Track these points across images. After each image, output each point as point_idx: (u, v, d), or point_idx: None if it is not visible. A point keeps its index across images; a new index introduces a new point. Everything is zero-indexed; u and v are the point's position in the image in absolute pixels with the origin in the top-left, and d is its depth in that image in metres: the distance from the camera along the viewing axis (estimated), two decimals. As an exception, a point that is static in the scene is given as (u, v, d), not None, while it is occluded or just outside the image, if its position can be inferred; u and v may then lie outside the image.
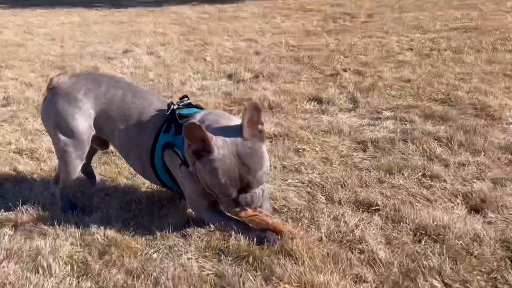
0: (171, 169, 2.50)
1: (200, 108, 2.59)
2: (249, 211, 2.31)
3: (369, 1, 11.28)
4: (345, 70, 5.34)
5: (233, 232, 2.33)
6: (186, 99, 2.60)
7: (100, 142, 2.76)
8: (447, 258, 2.13)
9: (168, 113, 2.48)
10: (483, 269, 2.07)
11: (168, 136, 2.46)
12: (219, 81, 5.15)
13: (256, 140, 2.26)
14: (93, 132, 2.61)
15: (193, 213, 2.52)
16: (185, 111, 2.49)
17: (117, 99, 2.59)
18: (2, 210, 2.62)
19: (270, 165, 2.55)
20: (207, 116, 2.42)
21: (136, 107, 2.57)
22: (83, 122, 2.56)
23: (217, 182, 2.23)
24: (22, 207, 2.61)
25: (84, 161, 2.68)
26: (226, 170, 2.20)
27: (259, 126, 2.26)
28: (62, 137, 2.56)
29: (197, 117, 2.41)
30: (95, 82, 2.66)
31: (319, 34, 7.69)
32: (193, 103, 2.62)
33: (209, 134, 2.19)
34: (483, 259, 2.13)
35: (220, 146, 2.21)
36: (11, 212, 2.59)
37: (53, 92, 2.62)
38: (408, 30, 7.75)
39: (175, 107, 2.49)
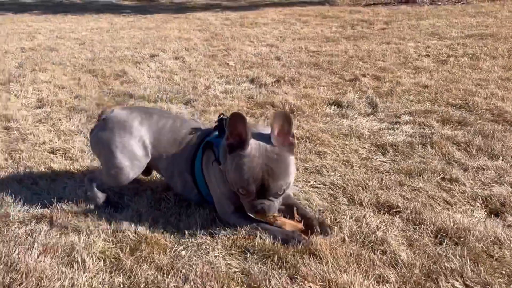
0: (205, 169, 2.59)
1: None
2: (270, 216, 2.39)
3: (386, 9, 11.32)
4: (364, 76, 5.40)
5: (259, 232, 2.41)
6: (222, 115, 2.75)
7: (145, 170, 2.88)
8: (468, 260, 2.18)
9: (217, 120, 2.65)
10: (503, 272, 2.11)
11: (211, 138, 2.61)
12: (242, 85, 5.23)
13: (285, 150, 2.35)
14: (149, 158, 2.77)
15: (219, 214, 2.59)
16: None
17: (168, 126, 2.80)
18: (38, 207, 2.72)
19: (294, 184, 2.62)
20: (261, 128, 2.54)
21: (184, 132, 2.77)
22: (139, 148, 2.73)
23: (240, 177, 2.31)
24: (56, 204, 2.71)
25: (131, 179, 2.79)
26: (251, 168, 2.29)
27: (290, 138, 2.36)
28: (117, 159, 2.69)
29: None
30: (147, 113, 2.86)
31: (338, 40, 7.76)
32: None
33: (249, 131, 2.32)
34: (503, 262, 2.18)
35: (253, 145, 2.32)
36: (46, 209, 2.68)
37: (107, 122, 2.76)
38: (425, 37, 7.79)
39: (224, 117, 2.60)
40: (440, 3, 12.34)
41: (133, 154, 2.72)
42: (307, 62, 6.22)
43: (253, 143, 2.33)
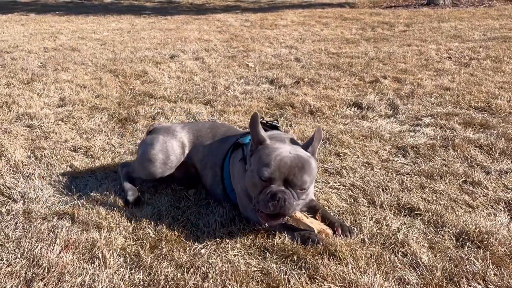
0: (231, 165, 2.64)
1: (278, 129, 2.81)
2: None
3: (406, 11, 11.24)
4: (384, 77, 5.37)
5: (277, 232, 2.41)
6: (275, 122, 2.87)
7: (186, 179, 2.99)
8: (490, 264, 2.15)
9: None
10: (527, 276, 2.09)
11: (243, 138, 2.67)
12: (261, 86, 5.23)
13: (313, 157, 2.41)
14: (183, 157, 2.90)
15: (240, 210, 2.60)
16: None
17: (207, 125, 3.04)
18: (60, 203, 2.75)
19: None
20: (279, 134, 2.60)
21: (223, 129, 2.95)
22: (177, 148, 2.89)
23: (265, 163, 2.28)
24: (78, 201, 2.74)
25: (159, 176, 2.88)
26: (279, 155, 2.30)
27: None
28: (154, 151, 2.85)
29: (268, 132, 2.59)
30: (190, 122, 3.16)
31: (358, 42, 7.72)
32: (279, 127, 2.84)
33: (262, 132, 2.40)
34: (527, 266, 2.15)
35: (277, 142, 2.41)
36: (68, 206, 2.71)
37: (154, 129, 3.03)
38: (447, 39, 7.72)
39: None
40: (462, 5, 12.22)
41: (170, 152, 2.86)
42: (326, 63, 6.20)
43: (278, 142, 2.42)
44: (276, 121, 2.90)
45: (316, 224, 2.42)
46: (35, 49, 7.50)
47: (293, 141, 2.51)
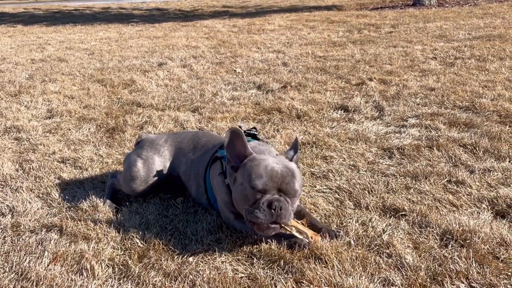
0: (211, 177, 2.66)
1: (257, 139, 2.84)
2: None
3: (393, 12, 11.32)
4: (370, 80, 5.42)
5: (263, 238, 2.43)
6: (253, 129, 2.90)
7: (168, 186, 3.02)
8: (473, 262, 2.18)
9: None
10: (509, 273, 2.12)
11: (221, 151, 2.66)
12: (249, 92, 5.26)
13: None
14: (166, 173, 2.93)
15: (223, 221, 2.62)
16: None
17: (189, 136, 3.04)
18: (49, 216, 2.76)
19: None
20: (259, 146, 2.60)
21: (204, 140, 2.94)
22: (160, 164, 2.93)
23: (257, 174, 2.27)
24: (66, 213, 2.75)
25: (142, 193, 2.93)
26: (269, 165, 2.31)
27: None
28: (136, 168, 2.89)
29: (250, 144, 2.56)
30: (175, 133, 3.16)
31: (345, 45, 7.78)
32: (257, 136, 2.88)
33: (248, 146, 2.40)
34: (509, 263, 2.19)
35: (262, 155, 2.42)
36: (56, 218, 2.72)
37: (141, 143, 3.06)
38: (432, 39, 7.79)
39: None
40: (447, 5, 12.33)
41: (152, 170, 2.90)
42: (313, 67, 6.24)
43: (262, 154, 2.43)
44: (254, 129, 2.92)
45: (308, 231, 2.44)
46: (23, 61, 7.50)
47: (270, 153, 2.52)
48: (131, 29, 11.20)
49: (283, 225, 2.34)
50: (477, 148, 3.43)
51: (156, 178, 2.90)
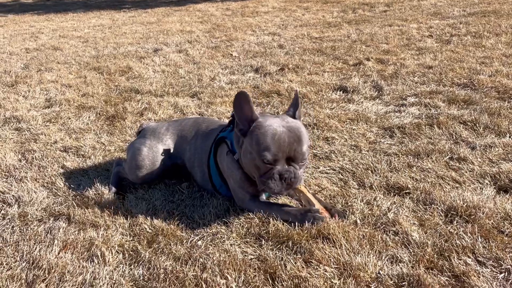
0: (219, 161, 2.67)
1: None
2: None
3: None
4: (367, 59, 5.42)
5: (272, 219, 2.45)
6: None
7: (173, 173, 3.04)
8: (479, 237, 2.22)
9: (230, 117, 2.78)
10: (514, 246, 2.16)
11: (225, 133, 2.69)
12: (247, 75, 5.26)
13: (301, 122, 2.49)
14: (170, 161, 2.95)
15: (236, 203, 2.64)
16: None
17: (190, 122, 3.05)
18: (55, 204, 2.77)
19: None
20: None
21: (204, 126, 2.95)
22: (162, 151, 2.95)
23: (265, 145, 2.32)
24: (73, 201, 2.77)
25: (148, 181, 2.95)
26: (276, 134, 2.33)
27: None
28: (141, 157, 2.91)
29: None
30: (175, 120, 3.18)
31: (340, 25, 7.76)
32: None
33: (254, 110, 2.44)
34: (514, 236, 2.22)
35: (267, 118, 2.43)
36: (63, 206, 2.73)
37: (143, 132, 3.09)
38: (427, 17, 7.78)
39: None
40: (440, -18, 12.25)
41: (156, 158, 2.91)
42: (310, 48, 6.23)
43: (267, 117, 2.45)
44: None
45: (316, 202, 2.48)
46: (17, 50, 7.44)
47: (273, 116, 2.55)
48: (124, 15, 11.12)
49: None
50: (477, 125, 3.45)
51: (161, 166, 2.92)
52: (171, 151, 2.96)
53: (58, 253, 2.31)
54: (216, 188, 2.76)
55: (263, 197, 2.63)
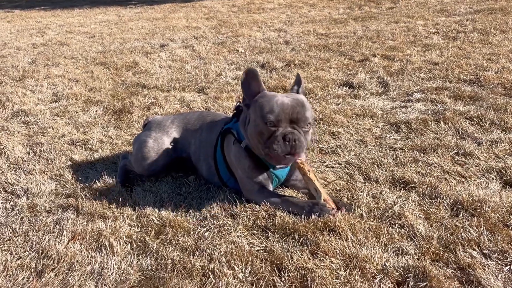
0: (226, 153, 2.70)
1: None
2: (299, 164, 2.53)
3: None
4: (374, 56, 5.43)
5: (278, 212, 2.47)
6: None
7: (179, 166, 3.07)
8: (484, 231, 2.23)
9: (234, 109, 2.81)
10: (520, 240, 2.17)
11: (230, 124, 2.74)
12: (252, 71, 5.27)
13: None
14: (175, 153, 2.98)
15: (244, 195, 2.66)
16: None
17: (195, 116, 3.08)
18: (63, 196, 2.80)
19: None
20: None
21: (209, 119, 2.98)
22: (168, 143, 2.98)
23: (269, 108, 2.39)
24: (81, 193, 2.79)
25: (153, 173, 2.98)
26: (282, 100, 2.42)
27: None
28: (146, 149, 2.93)
29: None
30: (181, 114, 3.21)
31: (346, 22, 7.76)
32: None
33: (262, 84, 2.54)
34: (519, 230, 2.23)
35: (272, 92, 2.54)
36: (71, 199, 2.76)
37: (149, 125, 3.11)
38: (434, 14, 7.76)
39: (240, 104, 2.72)
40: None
41: (162, 150, 2.94)
42: (316, 45, 6.24)
43: (272, 92, 2.55)
44: None
45: (323, 192, 2.50)
46: (24, 45, 7.48)
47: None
48: (130, 11, 11.14)
49: (299, 160, 2.50)
50: (484, 120, 3.46)
51: (166, 157, 2.94)
52: (177, 143, 2.99)
53: (67, 243, 2.33)
54: (223, 181, 2.78)
55: (270, 188, 2.65)
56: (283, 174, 2.69)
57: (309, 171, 2.53)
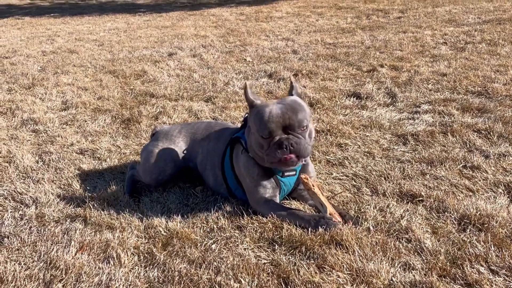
0: (235, 162, 2.72)
1: None
2: (303, 180, 2.53)
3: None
4: (381, 66, 5.43)
5: (285, 224, 2.48)
6: None
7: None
8: (492, 246, 2.22)
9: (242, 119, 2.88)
10: (527, 255, 2.16)
11: (239, 134, 2.77)
12: (260, 81, 5.29)
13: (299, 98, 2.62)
14: (182, 163, 3.00)
15: (251, 205, 2.68)
16: None
17: (203, 126, 3.12)
18: (72, 206, 2.82)
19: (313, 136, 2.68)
20: None
21: (218, 128, 3.02)
22: (175, 153, 3.00)
23: (260, 122, 2.47)
24: (89, 203, 2.81)
25: (161, 182, 3.00)
26: (271, 110, 2.48)
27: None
28: (154, 159, 2.96)
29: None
30: (188, 124, 3.23)
31: (354, 31, 7.77)
32: None
33: (251, 97, 2.60)
34: (527, 246, 2.22)
35: (266, 102, 2.58)
36: (79, 208, 2.77)
37: (157, 134, 3.13)
38: (442, 24, 7.76)
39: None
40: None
41: (169, 160, 2.96)
42: (324, 54, 6.25)
43: (268, 102, 2.60)
44: None
45: (329, 206, 2.50)
46: (34, 53, 7.54)
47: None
48: (139, 19, 11.21)
49: (301, 161, 2.53)
50: (491, 133, 3.45)
51: (174, 167, 2.96)
52: (184, 153, 3.01)
53: (75, 254, 2.35)
54: (231, 190, 2.79)
55: (278, 197, 2.66)
56: (291, 182, 2.70)
57: (313, 186, 2.53)
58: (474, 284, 2.01)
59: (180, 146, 3.02)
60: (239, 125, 2.96)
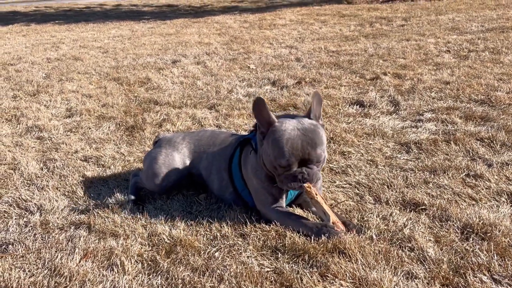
0: (243, 163, 2.75)
1: None
2: (306, 188, 2.51)
3: (404, 4, 11.30)
4: (384, 74, 5.45)
5: (288, 232, 2.49)
6: None
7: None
8: (495, 255, 2.22)
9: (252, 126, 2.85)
10: (530, 265, 2.16)
11: (250, 135, 2.81)
12: (264, 88, 5.32)
13: (319, 124, 2.55)
14: (186, 169, 3.01)
15: (256, 206, 2.70)
16: None
17: (208, 134, 3.14)
18: (76, 213, 2.84)
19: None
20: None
21: (223, 136, 3.04)
22: (180, 161, 3.01)
23: (279, 151, 2.44)
24: (93, 211, 2.83)
25: (164, 188, 3.00)
26: (289, 139, 2.43)
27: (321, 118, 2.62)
28: (157, 165, 2.97)
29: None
30: (189, 131, 3.23)
31: (357, 39, 7.79)
32: None
33: (272, 114, 2.51)
34: (530, 255, 2.22)
35: (286, 121, 2.50)
36: (83, 216, 2.79)
37: (160, 142, 3.14)
38: (445, 32, 7.78)
39: None
40: (459, -4, 12.25)
41: (172, 166, 2.97)
42: (327, 62, 6.27)
43: (284, 120, 2.52)
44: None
45: (332, 214, 2.51)
46: (38, 60, 7.59)
47: (292, 117, 2.61)
48: (143, 26, 11.27)
49: (305, 184, 2.50)
50: (495, 142, 3.45)
51: (177, 174, 2.97)
52: (187, 159, 3.02)
53: (79, 261, 2.36)
54: (237, 191, 2.81)
55: (284, 200, 2.68)
56: None
57: (316, 195, 2.54)
58: (477, 294, 2.01)
59: (183, 153, 3.03)
60: (243, 133, 2.97)
